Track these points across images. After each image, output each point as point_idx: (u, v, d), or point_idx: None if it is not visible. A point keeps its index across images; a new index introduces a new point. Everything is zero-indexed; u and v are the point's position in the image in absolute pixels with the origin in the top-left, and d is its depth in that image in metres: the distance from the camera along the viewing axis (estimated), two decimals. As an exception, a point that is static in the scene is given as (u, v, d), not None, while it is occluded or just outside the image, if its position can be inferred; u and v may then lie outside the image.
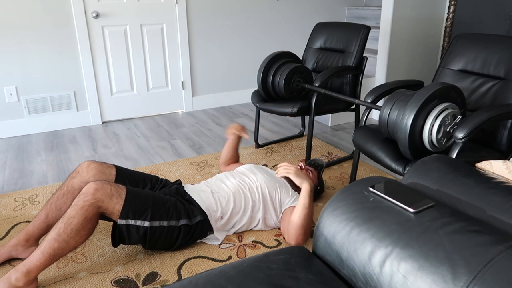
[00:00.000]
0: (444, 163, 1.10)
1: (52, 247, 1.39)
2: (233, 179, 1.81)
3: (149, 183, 1.79)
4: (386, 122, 1.71)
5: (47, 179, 2.41)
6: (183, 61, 3.65)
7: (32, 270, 1.39)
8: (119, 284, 1.51)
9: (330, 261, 0.98)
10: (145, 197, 1.57)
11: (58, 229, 1.40)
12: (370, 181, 1.04)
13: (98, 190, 1.46)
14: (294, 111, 2.40)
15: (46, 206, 1.64)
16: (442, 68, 2.09)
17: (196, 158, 2.68)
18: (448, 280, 0.73)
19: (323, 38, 2.85)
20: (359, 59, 2.60)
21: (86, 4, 3.13)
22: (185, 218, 1.62)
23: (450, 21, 3.52)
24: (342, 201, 1.00)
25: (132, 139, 3.08)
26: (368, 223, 0.91)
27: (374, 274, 0.84)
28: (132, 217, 1.50)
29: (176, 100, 3.75)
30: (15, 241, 1.60)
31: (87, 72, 3.27)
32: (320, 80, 2.36)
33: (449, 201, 0.99)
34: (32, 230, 1.61)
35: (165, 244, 1.62)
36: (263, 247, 1.73)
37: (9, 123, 3.11)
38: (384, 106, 1.71)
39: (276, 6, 3.95)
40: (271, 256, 1.01)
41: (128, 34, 3.36)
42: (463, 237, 0.79)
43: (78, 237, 1.42)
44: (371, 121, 3.51)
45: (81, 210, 1.42)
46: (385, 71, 3.41)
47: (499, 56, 1.88)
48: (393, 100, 1.70)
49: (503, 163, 1.12)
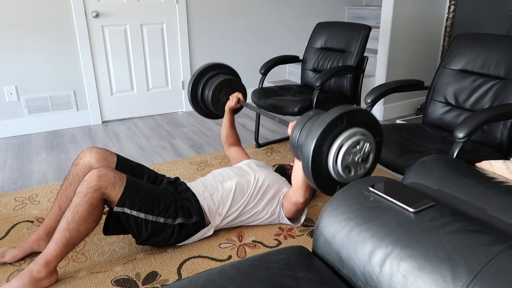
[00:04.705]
0: (444, 163, 1.10)
1: (64, 236, 1.42)
2: (232, 174, 1.82)
3: (147, 175, 1.80)
4: (295, 145, 1.46)
5: (47, 179, 2.41)
6: (183, 60, 3.65)
7: (50, 261, 1.42)
8: (119, 283, 1.51)
9: (330, 261, 0.98)
10: (144, 188, 1.58)
11: (66, 219, 1.43)
12: (370, 180, 1.04)
13: (101, 177, 1.47)
14: (295, 110, 2.40)
15: (57, 198, 1.68)
16: (442, 68, 2.09)
17: (196, 158, 2.68)
18: (448, 280, 0.73)
19: (324, 37, 2.85)
20: (360, 59, 2.60)
21: (86, 4, 3.12)
22: (181, 217, 1.62)
23: (450, 21, 3.52)
24: (342, 200, 1.00)
25: (132, 139, 3.08)
26: (368, 223, 0.91)
27: (374, 274, 0.84)
28: (129, 206, 1.51)
29: (176, 99, 3.75)
30: (36, 236, 1.64)
31: (87, 72, 3.27)
32: (321, 80, 2.36)
33: (449, 201, 0.99)
34: (49, 223, 1.65)
35: (157, 241, 1.63)
36: (263, 247, 1.73)
37: (9, 122, 3.11)
38: (294, 127, 1.47)
39: (276, 6, 3.95)
40: (271, 256, 1.01)
41: (128, 33, 3.36)
42: (463, 237, 0.79)
43: (87, 224, 1.45)
44: (371, 121, 3.51)
45: (85, 197, 1.44)
46: (385, 71, 3.41)
47: (499, 56, 1.88)
48: (304, 121, 1.46)
49: (503, 163, 1.12)
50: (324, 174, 1.35)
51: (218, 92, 2.20)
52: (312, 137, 1.29)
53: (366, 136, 1.36)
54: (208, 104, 2.25)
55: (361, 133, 1.35)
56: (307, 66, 2.94)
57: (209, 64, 2.27)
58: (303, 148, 1.34)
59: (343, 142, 1.30)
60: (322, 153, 1.31)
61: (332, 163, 1.32)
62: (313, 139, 1.29)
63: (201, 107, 2.31)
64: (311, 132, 1.31)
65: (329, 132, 1.29)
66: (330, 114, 1.30)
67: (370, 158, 1.41)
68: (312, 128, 1.32)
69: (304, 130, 1.42)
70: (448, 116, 2.03)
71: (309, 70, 2.93)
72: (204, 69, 2.25)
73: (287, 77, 4.31)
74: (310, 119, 1.44)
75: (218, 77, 2.24)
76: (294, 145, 1.47)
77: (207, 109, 2.32)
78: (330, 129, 1.29)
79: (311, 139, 1.29)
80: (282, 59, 2.89)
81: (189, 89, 2.24)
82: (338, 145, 1.30)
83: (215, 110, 2.24)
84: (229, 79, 2.22)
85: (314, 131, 1.30)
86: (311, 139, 1.29)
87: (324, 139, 1.29)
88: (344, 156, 1.32)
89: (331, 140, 1.31)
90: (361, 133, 1.35)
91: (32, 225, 1.90)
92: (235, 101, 2.17)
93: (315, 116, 1.44)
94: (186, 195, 1.72)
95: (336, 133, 1.31)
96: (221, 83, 2.20)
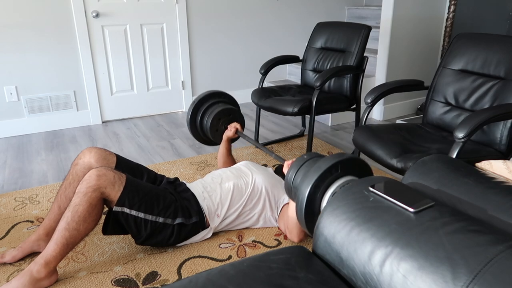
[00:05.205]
0: (444, 163, 1.10)
1: (64, 236, 1.42)
2: (230, 175, 1.82)
3: (146, 175, 1.80)
4: (290, 186, 1.49)
5: (47, 179, 2.41)
6: (183, 60, 3.65)
7: (50, 261, 1.42)
8: (119, 283, 1.51)
9: (330, 260, 0.98)
10: (143, 188, 1.58)
11: (66, 218, 1.43)
12: (370, 180, 1.04)
13: (100, 176, 1.47)
14: (295, 110, 2.40)
15: (57, 198, 1.68)
16: (442, 68, 2.09)
17: (196, 158, 2.68)
18: (448, 280, 0.73)
19: (324, 37, 2.85)
20: (360, 59, 2.60)
21: (86, 4, 3.12)
22: (181, 217, 1.62)
23: (450, 21, 3.52)
24: (342, 200, 1.00)
25: (132, 139, 3.08)
26: (368, 223, 0.91)
27: (374, 274, 0.84)
28: (128, 206, 1.51)
29: (176, 99, 3.75)
30: (36, 236, 1.64)
31: (87, 72, 3.27)
32: (321, 80, 2.36)
33: (449, 201, 0.99)
34: (49, 224, 1.65)
35: (157, 241, 1.63)
36: (263, 247, 1.73)
37: (9, 122, 3.11)
38: (290, 168, 1.50)
39: (276, 6, 3.95)
40: (271, 256, 1.01)
41: (128, 33, 3.36)
42: (463, 237, 0.79)
43: (87, 224, 1.45)
44: (371, 121, 3.51)
45: (84, 197, 1.44)
46: (385, 71, 3.41)
47: (499, 56, 1.88)
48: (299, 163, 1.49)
49: (503, 163, 1.12)
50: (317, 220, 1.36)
51: (216, 121, 2.22)
52: (307, 183, 1.31)
53: None
54: (207, 132, 2.27)
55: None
56: (307, 66, 2.94)
57: (209, 92, 2.29)
58: (298, 192, 1.36)
59: (336, 190, 1.32)
60: (316, 199, 1.32)
61: None
62: (307, 186, 1.30)
63: (199, 134, 2.33)
64: (307, 177, 1.33)
65: (323, 179, 1.31)
66: (326, 162, 1.32)
67: None
68: (308, 173, 1.34)
69: (299, 173, 1.45)
70: (448, 116, 2.03)
71: (309, 70, 2.93)
72: (204, 97, 2.27)
73: (287, 77, 4.31)
74: (305, 162, 1.47)
75: (217, 106, 2.26)
76: (289, 186, 1.49)
77: (204, 136, 2.34)
78: (324, 176, 1.31)
79: (306, 185, 1.31)
80: (282, 59, 2.89)
81: (189, 116, 2.26)
82: (331, 193, 1.32)
83: (213, 138, 2.27)
84: (228, 108, 2.23)
85: (310, 177, 1.31)
86: (306, 185, 1.31)
87: (318, 187, 1.31)
88: None
89: (325, 187, 1.32)
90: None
91: (32, 225, 1.90)
92: (233, 132, 2.18)
93: (312, 160, 1.47)
94: (185, 195, 1.72)
95: (330, 181, 1.32)
96: (220, 112, 2.21)
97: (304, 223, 1.34)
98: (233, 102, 2.37)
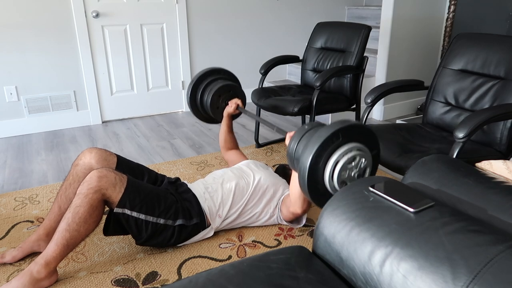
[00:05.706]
0: (444, 163, 1.10)
1: (64, 237, 1.42)
2: (232, 175, 1.82)
3: (147, 175, 1.80)
4: (293, 157, 1.47)
5: (47, 179, 2.41)
6: (183, 60, 3.65)
7: (50, 262, 1.42)
8: (119, 283, 1.51)
9: (330, 260, 0.98)
10: (144, 189, 1.58)
11: (67, 219, 1.43)
12: (370, 180, 1.04)
13: (102, 177, 1.47)
14: (295, 110, 2.40)
15: (57, 198, 1.68)
16: (442, 68, 2.09)
17: (196, 158, 2.68)
18: (448, 280, 0.73)
19: (324, 37, 2.85)
20: (360, 59, 2.60)
21: (86, 4, 3.12)
22: (182, 218, 1.62)
23: (450, 21, 3.52)
24: (342, 200, 1.00)
25: (132, 139, 3.08)
26: (368, 223, 0.91)
27: (374, 274, 0.84)
28: (129, 208, 1.51)
29: (176, 99, 3.75)
30: (36, 236, 1.64)
31: (87, 72, 3.27)
32: (321, 80, 2.36)
33: (449, 201, 0.99)
34: (49, 224, 1.65)
35: (157, 241, 1.63)
36: (263, 247, 1.73)
37: (9, 122, 3.11)
38: (291, 140, 1.48)
39: (276, 6, 3.95)
40: (271, 256, 1.01)
41: (128, 33, 3.36)
42: (463, 237, 0.79)
43: (87, 225, 1.45)
44: (371, 121, 3.51)
45: (85, 198, 1.44)
46: (385, 71, 3.41)
47: (499, 56, 1.88)
48: (301, 134, 1.47)
49: (503, 163, 1.12)
50: (320, 189, 1.35)
51: (217, 98, 2.18)
52: (308, 153, 1.29)
53: (362, 151, 1.36)
54: (207, 109, 2.24)
55: (357, 148, 1.34)
56: (307, 66, 2.94)
57: (209, 69, 2.25)
58: (300, 163, 1.34)
59: (339, 158, 1.31)
60: (318, 169, 1.31)
61: (328, 179, 1.32)
62: (309, 155, 1.29)
63: (200, 112, 2.31)
64: (308, 147, 1.31)
65: (325, 148, 1.29)
66: (327, 130, 1.30)
67: (366, 172, 1.41)
68: (309, 143, 1.32)
69: (301, 144, 1.42)
70: (448, 116, 2.03)
71: (309, 70, 2.93)
72: (204, 74, 2.24)
73: (287, 77, 4.31)
74: (306, 132, 1.44)
75: (217, 82, 2.22)
76: (291, 157, 1.47)
77: (206, 114, 2.31)
78: (326, 145, 1.29)
79: (307, 154, 1.29)
80: (282, 59, 2.89)
81: (188, 94, 2.24)
82: (334, 161, 1.30)
83: (214, 115, 2.24)
84: (228, 84, 2.20)
85: (311, 147, 1.30)
86: (307, 155, 1.29)
87: (320, 156, 1.29)
88: (340, 172, 1.32)
89: (327, 156, 1.30)
90: (357, 148, 1.34)
91: (32, 225, 1.90)
92: (234, 108, 2.16)
93: (313, 129, 1.44)
94: (187, 196, 1.72)
95: (332, 149, 1.30)
96: (220, 88, 2.18)
97: (308, 192, 1.33)
98: (233, 78, 2.33)
